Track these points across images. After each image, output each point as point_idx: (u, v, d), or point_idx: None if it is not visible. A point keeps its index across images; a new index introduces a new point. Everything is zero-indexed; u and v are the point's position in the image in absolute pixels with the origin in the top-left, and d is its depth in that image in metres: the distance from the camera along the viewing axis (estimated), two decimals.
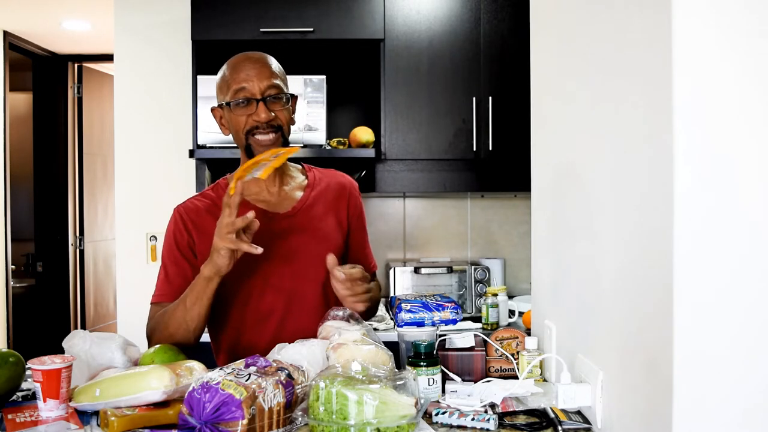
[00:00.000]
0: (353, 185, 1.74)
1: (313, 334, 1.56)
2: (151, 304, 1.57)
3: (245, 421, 1.04)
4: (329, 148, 2.78)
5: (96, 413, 1.20)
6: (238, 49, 1.63)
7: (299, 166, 1.73)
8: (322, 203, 1.65)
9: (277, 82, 1.54)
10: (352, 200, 1.71)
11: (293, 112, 1.62)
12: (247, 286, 1.54)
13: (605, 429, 1.12)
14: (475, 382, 1.40)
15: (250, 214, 1.36)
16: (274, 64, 1.58)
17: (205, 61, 2.75)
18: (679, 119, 0.86)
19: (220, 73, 1.58)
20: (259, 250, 1.36)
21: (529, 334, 1.51)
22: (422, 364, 1.31)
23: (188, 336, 1.47)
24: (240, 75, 1.52)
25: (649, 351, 0.94)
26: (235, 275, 1.49)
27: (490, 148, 2.77)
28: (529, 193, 1.66)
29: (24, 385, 1.33)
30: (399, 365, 1.39)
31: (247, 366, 1.16)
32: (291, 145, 1.60)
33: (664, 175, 0.88)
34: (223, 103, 1.55)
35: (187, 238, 1.56)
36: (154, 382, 1.14)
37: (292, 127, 1.62)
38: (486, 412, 1.19)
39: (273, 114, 1.52)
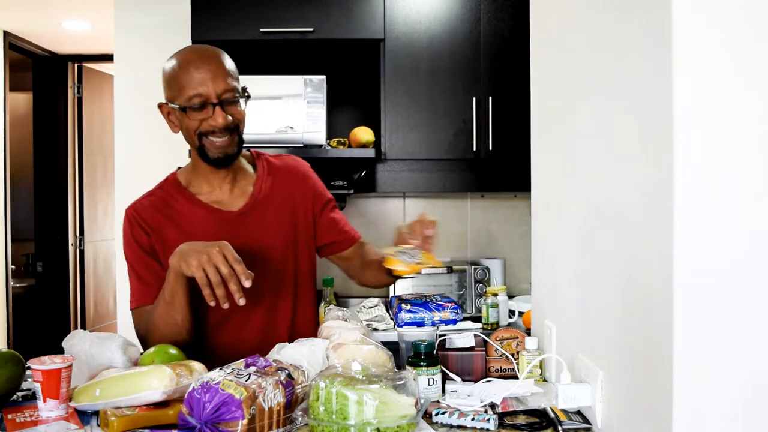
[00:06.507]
0: (305, 167, 1.71)
1: (279, 331, 1.59)
2: (131, 310, 1.55)
3: (245, 421, 1.04)
4: (329, 148, 2.78)
5: (96, 413, 1.20)
6: (238, 50, 1.63)
7: (248, 154, 1.68)
8: (274, 195, 1.62)
9: (233, 83, 1.49)
10: (309, 183, 1.68)
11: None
12: None
13: (605, 429, 1.12)
14: (475, 382, 1.41)
15: (247, 284, 1.31)
16: (228, 63, 1.51)
17: None
18: (679, 119, 0.86)
19: (168, 67, 1.50)
20: (213, 303, 1.30)
21: (529, 334, 1.51)
22: (422, 364, 1.31)
23: (179, 330, 1.44)
24: (193, 77, 1.45)
25: (649, 351, 0.94)
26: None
27: (490, 148, 2.77)
28: (529, 193, 1.66)
29: (24, 385, 1.33)
30: (399, 365, 1.39)
31: (247, 366, 1.16)
32: (294, 144, 1.60)
33: (664, 175, 0.88)
34: (176, 106, 1.48)
35: (147, 239, 1.53)
36: (154, 382, 1.14)
37: (292, 128, 1.62)
38: (486, 412, 1.19)
39: (230, 118, 1.48)
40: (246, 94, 1.53)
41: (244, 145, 1.59)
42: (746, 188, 0.85)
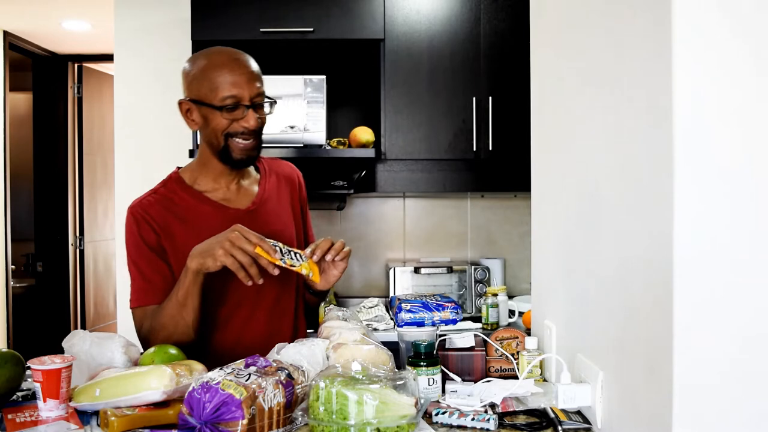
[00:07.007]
0: (300, 175, 1.77)
1: (282, 328, 1.59)
2: (132, 309, 1.54)
3: (245, 421, 1.04)
4: (329, 148, 2.78)
5: (96, 413, 1.20)
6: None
7: None
8: (276, 196, 1.67)
9: (263, 88, 1.54)
10: (302, 191, 1.75)
11: None
12: (214, 285, 1.50)
13: (605, 429, 1.12)
14: (475, 382, 1.41)
15: (277, 256, 1.36)
16: (256, 67, 1.55)
17: None
18: (680, 119, 0.86)
19: (196, 67, 1.53)
20: (250, 283, 1.36)
21: (529, 334, 1.51)
22: (422, 364, 1.31)
23: (188, 332, 1.45)
24: (227, 78, 1.48)
25: (649, 351, 0.94)
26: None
27: (490, 148, 2.77)
28: (529, 193, 1.66)
29: (24, 385, 1.33)
30: (399, 365, 1.39)
31: (247, 366, 1.16)
32: (294, 144, 1.60)
33: (664, 175, 0.88)
34: (206, 104, 1.50)
35: (155, 237, 1.53)
36: (154, 382, 1.14)
37: (292, 128, 1.64)
38: (486, 412, 1.19)
39: (260, 120, 1.53)
40: (273, 99, 1.57)
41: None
42: (747, 188, 0.86)
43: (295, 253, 1.42)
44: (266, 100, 1.55)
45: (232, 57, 1.52)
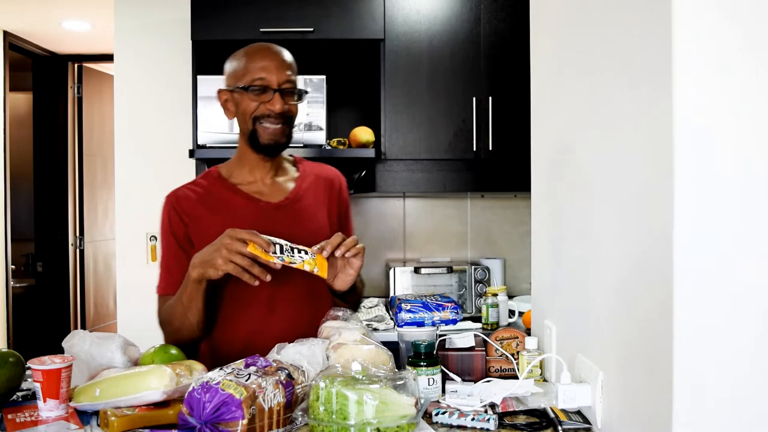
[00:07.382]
0: (342, 180, 1.78)
1: (298, 326, 1.58)
2: (158, 295, 1.60)
3: (245, 421, 1.04)
4: (329, 148, 2.78)
5: (96, 413, 1.20)
6: (237, 49, 1.63)
7: (290, 158, 1.76)
8: (312, 196, 1.68)
9: (293, 77, 1.59)
10: (342, 195, 1.76)
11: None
12: (219, 284, 1.51)
13: (605, 429, 1.12)
14: (475, 382, 1.41)
15: (271, 248, 1.36)
16: (289, 57, 1.61)
17: (205, 61, 2.75)
18: (679, 117, 0.86)
19: (235, 58, 1.60)
20: (257, 283, 1.36)
21: (529, 334, 1.51)
22: (422, 364, 1.31)
23: (193, 329, 1.49)
24: (258, 64, 1.55)
25: (649, 351, 0.94)
26: None
27: (490, 148, 2.77)
28: (529, 193, 1.66)
29: (24, 385, 1.33)
30: (399, 365, 1.39)
31: (247, 366, 1.16)
32: (293, 144, 1.61)
33: (664, 175, 0.88)
34: (237, 87, 1.56)
35: (183, 228, 1.57)
36: (154, 382, 1.14)
37: (295, 128, 1.65)
38: (486, 412, 1.19)
39: (286, 106, 1.56)
40: (303, 90, 1.61)
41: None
42: (747, 188, 0.86)
43: (300, 250, 1.41)
44: (296, 89, 1.58)
45: (265, 46, 1.60)
